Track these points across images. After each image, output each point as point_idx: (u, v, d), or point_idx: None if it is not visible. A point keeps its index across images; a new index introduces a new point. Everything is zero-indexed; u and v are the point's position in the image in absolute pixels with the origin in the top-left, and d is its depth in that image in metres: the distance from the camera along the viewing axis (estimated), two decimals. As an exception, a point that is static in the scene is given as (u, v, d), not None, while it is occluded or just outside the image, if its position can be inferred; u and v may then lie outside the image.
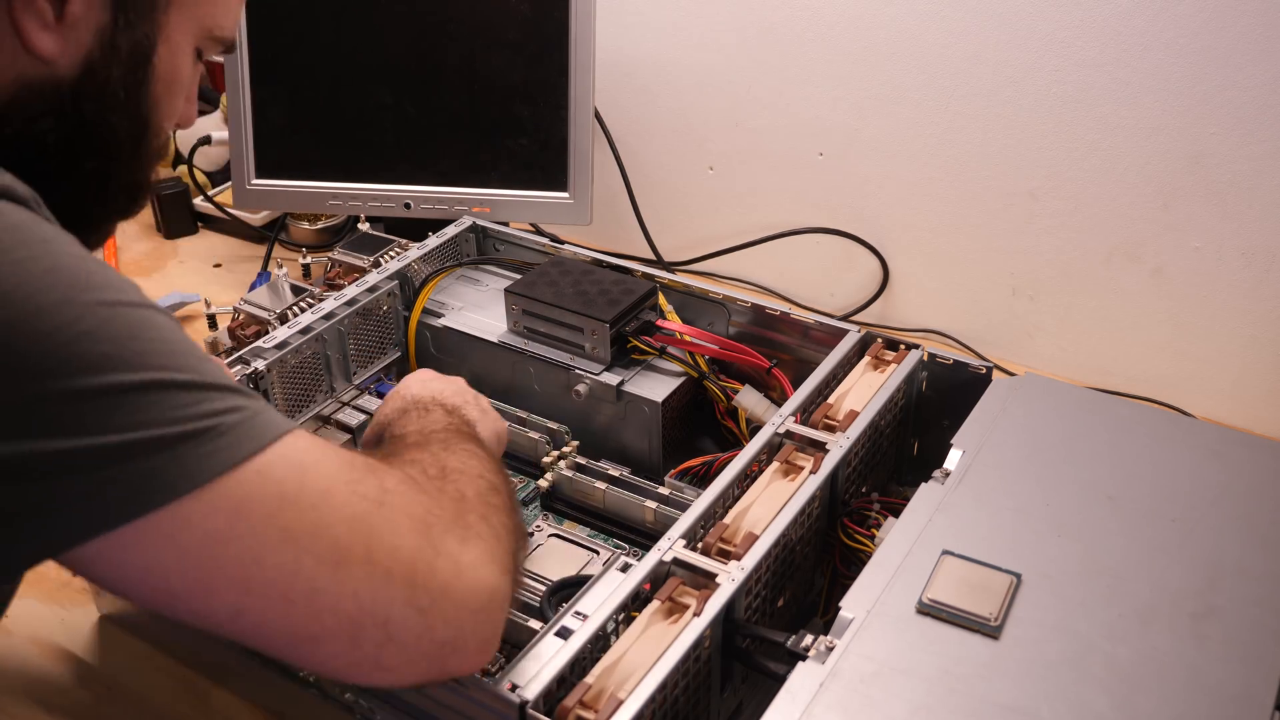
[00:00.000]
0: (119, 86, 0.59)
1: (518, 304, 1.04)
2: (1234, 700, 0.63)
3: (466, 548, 0.57)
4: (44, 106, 0.57)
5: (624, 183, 1.38)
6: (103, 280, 0.50)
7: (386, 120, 1.26)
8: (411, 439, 0.70)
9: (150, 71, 0.61)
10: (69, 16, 0.56)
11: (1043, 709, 0.62)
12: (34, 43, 0.55)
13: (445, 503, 0.59)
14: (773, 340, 1.03)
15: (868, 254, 1.31)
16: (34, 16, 0.55)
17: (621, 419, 1.00)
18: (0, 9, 0.54)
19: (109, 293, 0.49)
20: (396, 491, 0.56)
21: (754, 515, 0.77)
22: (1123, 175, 1.13)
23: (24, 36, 0.55)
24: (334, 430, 1.01)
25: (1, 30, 0.55)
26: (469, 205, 1.24)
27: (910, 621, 0.68)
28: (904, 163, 1.24)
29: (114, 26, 0.57)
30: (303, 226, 1.45)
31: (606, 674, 0.65)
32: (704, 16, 1.29)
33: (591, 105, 1.21)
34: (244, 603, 0.51)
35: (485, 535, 0.59)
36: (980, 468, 0.80)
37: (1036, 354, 1.26)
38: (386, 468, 0.58)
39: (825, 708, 0.62)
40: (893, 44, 1.19)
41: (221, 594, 0.50)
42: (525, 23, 1.20)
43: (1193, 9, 1.03)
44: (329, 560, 0.52)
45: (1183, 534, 0.74)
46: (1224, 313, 1.13)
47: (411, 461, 0.63)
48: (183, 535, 0.49)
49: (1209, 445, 0.82)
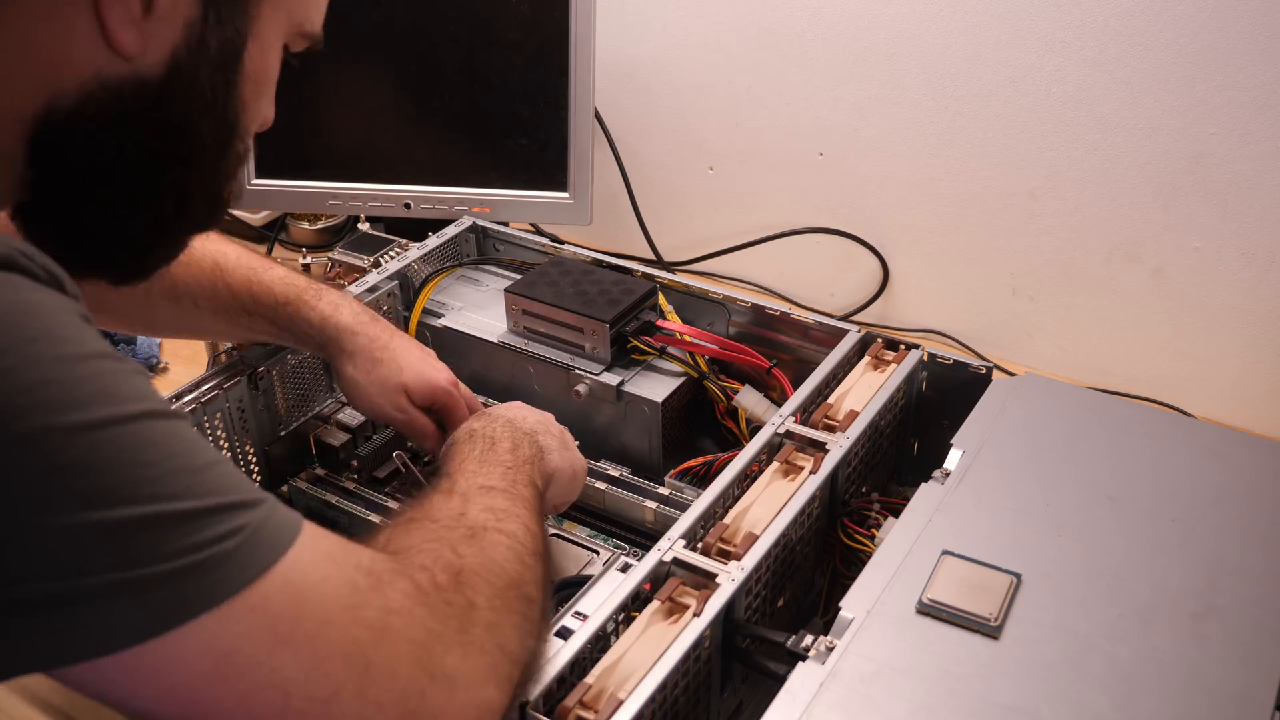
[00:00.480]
0: (207, 87, 0.54)
1: (518, 304, 1.04)
2: (1234, 700, 0.63)
3: (466, 663, 0.54)
4: (123, 110, 0.51)
5: (624, 183, 1.38)
6: (92, 392, 0.44)
7: (386, 120, 1.26)
8: (460, 488, 0.67)
9: (240, 71, 0.55)
10: (157, 9, 0.50)
11: (1043, 709, 0.62)
12: (118, 37, 0.49)
13: (452, 617, 0.54)
14: (773, 340, 1.03)
15: (868, 254, 1.31)
16: (121, 8, 0.49)
17: (621, 419, 1.00)
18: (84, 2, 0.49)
19: (98, 410, 0.44)
20: (400, 613, 0.52)
21: (754, 515, 0.77)
22: (1123, 175, 1.13)
23: (108, 30, 0.49)
24: (334, 430, 1.02)
25: (83, 23, 0.49)
26: (469, 205, 1.24)
27: (910, 621, 0.68)
28: (904, 163, 1.24)
29: (204, 22, 0.52)
30: (303, 226, 1.45)
31: (606, 674, 0.65)
32: (704, 16, 1.29)
33: (591, 105, 1.21)
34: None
35: (489, 649, 0.55)
36: (980, 468, 0.80)
37: (1036, 354, 1.26)
38: (393, 577, 0.53)
39: (825, 708, 0.62)
40: (893, 44, 1.19)
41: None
42: (525, 23, 1.20)
43: (1193, 9, 1.03)
44: (319, 698, 0.48)
45: (1183, 534, 0.74)
46: (1224, 313, 1.13)
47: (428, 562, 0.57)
48: (166, 673, 0.45)
49: (1209, 445, 0.82)
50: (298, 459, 1.02)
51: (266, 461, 0.99)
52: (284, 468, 1.00)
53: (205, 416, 0.92)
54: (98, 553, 0.43)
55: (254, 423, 0.96)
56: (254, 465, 0.98)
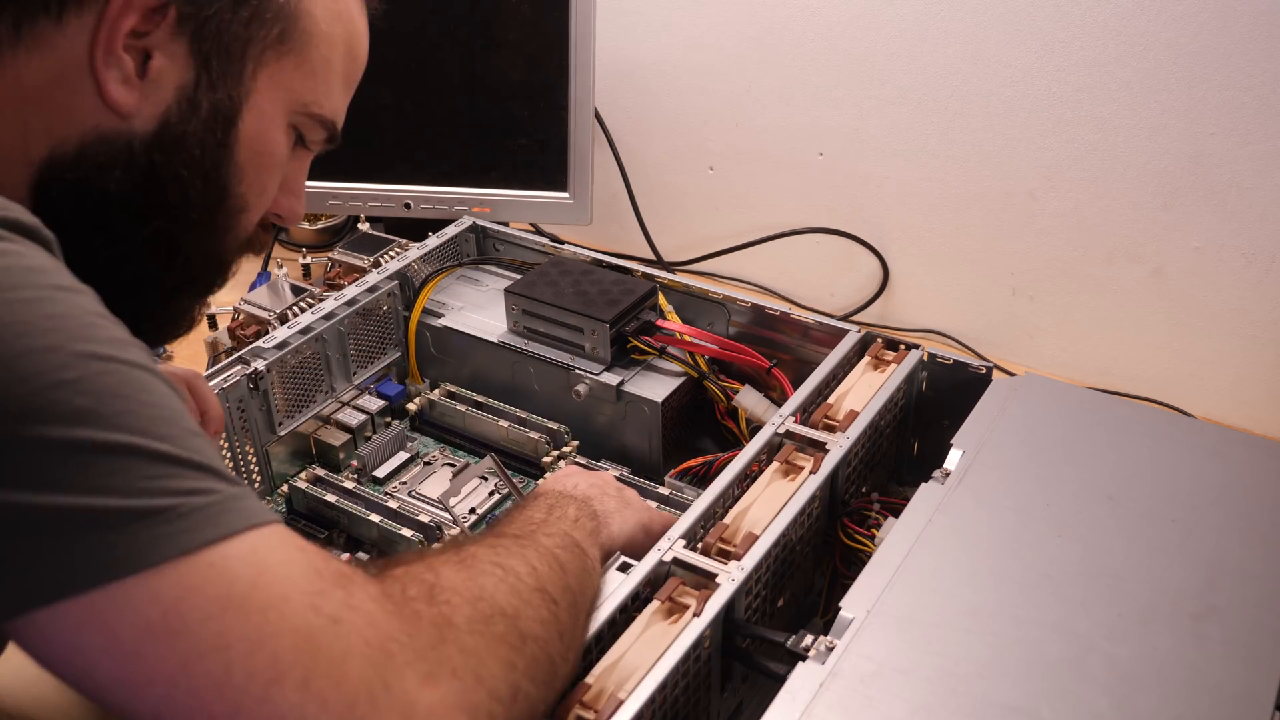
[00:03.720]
0: (195, 143, 0.58)
1: (518, 304, 1.04)
2: (1234, 700, 0.63)
3: (430, 688, 0.49)
4: (112, 160, 0.56)
5: (624, 183, 1.38)
6: (105, 335, 0.47)
7: (386, 120, 1.26)
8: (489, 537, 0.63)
9: (234, 135, 0.59)
10: (151, 72, 0.55)
11: (1043, 709, 0.62)
12: (113, 97, 0.55)
13: (420, 630, 0.51)
14: (773, 340, 1.03)
15: (868, 254, 1.31)
16: (116, 70, 0.54)
17: (621, 419, 1.00)
18: (83, 62, 0.54)
19: (106, 347, 0.47)
20: (360, 610, 0.49)
21: (754, 515, 0.77)
22: (1123, 175, 1.13)
23: (104, 90, 0.54)
24: (334, 430, 1.01)
25: (83, 83, 0.54)
26: (469, 205, 1.24)
27: (910, 621, 0.68)
28: (904, 163, 1.24)
29: (196, 85, 0.57)
30: (303, 226, 1.45)
31: (606, 674, 0.65)
32: (704, 16, 1.29)
33: (591, 105, 1.21)
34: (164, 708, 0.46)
35: (462, 674, 0.50)
36: (980, 468, 0.80)
37: (1036, 354, 1.26)
38: (363, 582, 0.51)
39: (825, 708, 0.62)
40: (893, 44, 1.19)
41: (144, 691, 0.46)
42: (525, 23, 1.20)
43: (1193, 9, 1.03)
44: (261, 677, 0.46)
45: (1183, 534, 0.74)
46: (1224, 313, 1.13)
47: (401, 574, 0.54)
48: (116, 622, 0.45)
49: (1209, 445, 0.82)
50: (298, 459, 1.02)
51: (266, 461, 0.99)
52: (284, 468, 1.01)
53: (205, 416, 0.92)
54: (73, 468, 0.44)
55: (254, 423, 0.96)
56: (254, 465, 0.98)
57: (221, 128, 0.58)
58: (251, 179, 0.61)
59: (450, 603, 0.53)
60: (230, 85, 0.58)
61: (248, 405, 0.95)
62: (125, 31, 0.54)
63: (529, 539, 0.63)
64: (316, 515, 0.95)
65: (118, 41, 0.54)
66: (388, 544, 0.91)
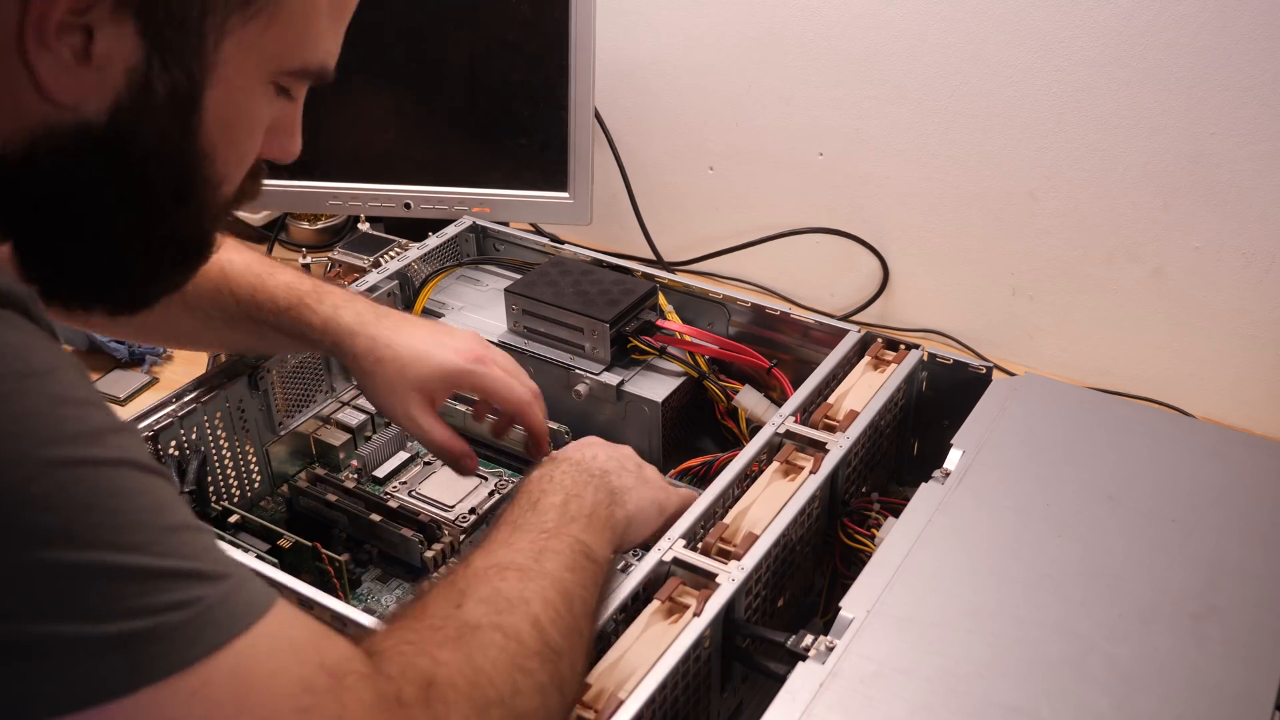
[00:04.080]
0: (153, 131, 0.51)
1: (518, 304, 1.04)
2: (1234, 700, 0.63)
3: None
4: (64, 157, 0.50)
5: (624, 183, 1.38)
6: (77, 431, 0.43)
7: (386, 120, 1.26)
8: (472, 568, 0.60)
9: (198, 118, 0.52)
10: (95, 55, 0.48)
11: (1043, 709, 0.62)
12: (51, 88, 0.47)
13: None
14: (773, 340, 1.03)
15: (868, 254, 1.31)
16: (50, 56, 0.47)
17: (621, 419, 1.00)
18: (11, 50, 0.46)
19: (75, 448, 0.43)
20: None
21: (754, 515, 0.77)
22: (1123, 175, 1.13)
23: (39, 80, 0.47)
24: (334, 429, 1.01)
25: (16, 75, 0.47)
26: (469, 205, 1.24)
27: (910, 621, 0.68)
28: (904, 163, 1.24)
29: (147, 65, 0.49)
30: (303, 226, 1.46)
31: (606, 674, 0.65)
32: (704, 16, 1.29)
33: (591, 105, 1.21)
34: None
35: None
36: (980, 468, 0.80)
37: (1036, 354, 1.26)
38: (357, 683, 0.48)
39: (825, 708, 0.62)
40: (893, 44, 1.19)
41: None
42: (525, 23, 1.20)
43: (1193, 9, 1.03)
44: None
45: (1183, 534, 0.74)
46: (1224, 313, 1.13)
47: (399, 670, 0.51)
48: None
49: (1209, 445, 0.82)
50: (298, 459, 1.02)
51: (266, 461, 0.99)
52: (284, 467, 1.01)
53: (205, 416, 0.92)
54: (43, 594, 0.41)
55: (254, 423, 0.96)
56: (254, 465, 0.98)
57: (182, 111, 0.52)
58: (226, 153, 0.55)
59: (447, 701, 0.51)
60: (188, 62, 0.50)
61: (248, 405, 0.95)
62: (61, 10, 0.46)
63: (536, 566, 0.61)
64: (316, 515, 0.95)
65: (50, 22, 0.46)
66: (388, 544, 0.91)
